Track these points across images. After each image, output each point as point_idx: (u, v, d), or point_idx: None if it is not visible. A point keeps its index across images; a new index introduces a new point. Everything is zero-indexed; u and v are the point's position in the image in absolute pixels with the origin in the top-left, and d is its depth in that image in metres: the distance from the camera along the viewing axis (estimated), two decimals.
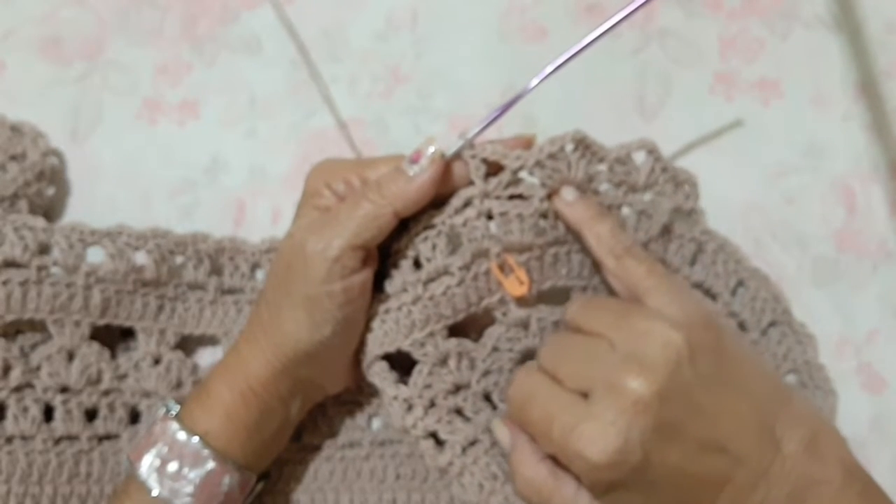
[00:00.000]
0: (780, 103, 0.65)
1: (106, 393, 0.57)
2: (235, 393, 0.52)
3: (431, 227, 0.54)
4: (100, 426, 0.57)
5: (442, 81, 0.67)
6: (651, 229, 0.56)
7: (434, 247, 0.54)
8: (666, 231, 0.57)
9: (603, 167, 0.55)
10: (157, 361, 0.58)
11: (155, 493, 0.50)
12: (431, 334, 0.54)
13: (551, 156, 0.53)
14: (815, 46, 0.65)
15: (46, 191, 0.62)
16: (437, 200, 0.54)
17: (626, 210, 0.56)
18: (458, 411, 0.55)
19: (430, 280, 0.54)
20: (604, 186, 0.55)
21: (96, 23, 0.68)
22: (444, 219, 0.54)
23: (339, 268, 0.50)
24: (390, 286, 0.54)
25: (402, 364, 0.55)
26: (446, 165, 0.53)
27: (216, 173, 0.65)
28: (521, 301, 0.55)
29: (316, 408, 0.58)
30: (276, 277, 0.52)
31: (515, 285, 0.54)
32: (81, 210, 0.64)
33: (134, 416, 0.58)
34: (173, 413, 0.52)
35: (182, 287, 0.59)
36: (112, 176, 0.65)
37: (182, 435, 0.51)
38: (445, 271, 0.54)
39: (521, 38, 0.68)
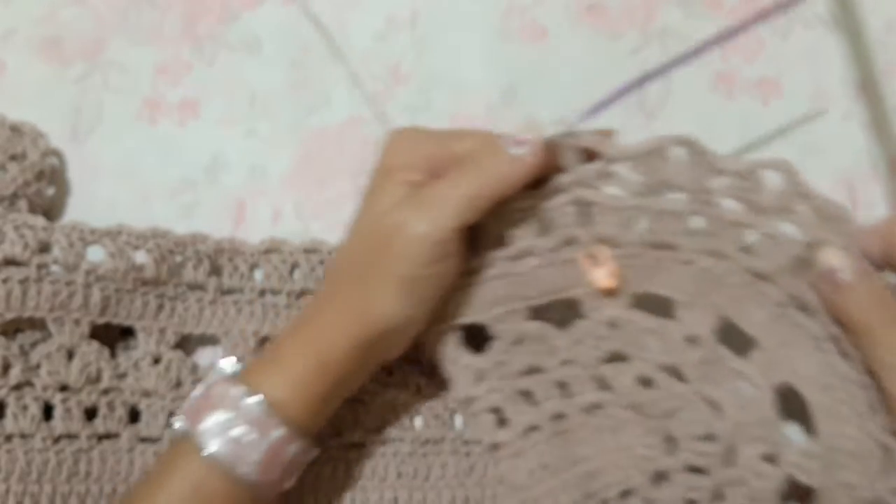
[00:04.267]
0: (779, 102, 0.65)
1: (105, 392, 0.57)
2: (315, 363, 0.51)
3: (523, 208, 0.54)
4: (99, 425, 0.56)
5: (442, 81, 0.67)
6: (779, 259, 0.53)
7: (524, 227, 0.54)
8: (802, 265, 0.53)
9: (723, 180, 0.52)
10: (156, 361, 0.58)
11: (216, 455, 0.48)
12: (513, 312, 0.54)
13: (650, 153, 0.52)
14: (814, 46, 0.65)
15: (46, 191, 0.62)
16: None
17: (750, 234, 0.53)
18: (527, 393, 0.55)
19: (517, 258, 0.54)
20: (726, 202, 0.53)
21: (96, 23, 0.68)
22: (537, 202, 0.54)
23: (444, 250, 0.50)
24: (475, 260, 0.54)
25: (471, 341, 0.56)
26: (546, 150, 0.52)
27: (216, 173, 0.65)
28: (609, 295, 0.54)
29: None
30: (365, 254, 0.52)
31: (604, 277, 0.54)
32: (81, 210, 0.64)
33: (134, 416, 0.58)
34: (232, 375, 0.51)
35: (182, 287, 0.59)
36: (112, 176, 0.65)
37: (249, 400, 0.49)
38: (532, 252, 0.54)
39: (521, 37, 0.68)
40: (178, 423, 0.51)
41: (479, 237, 0.55)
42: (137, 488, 0.51)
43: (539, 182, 0.54)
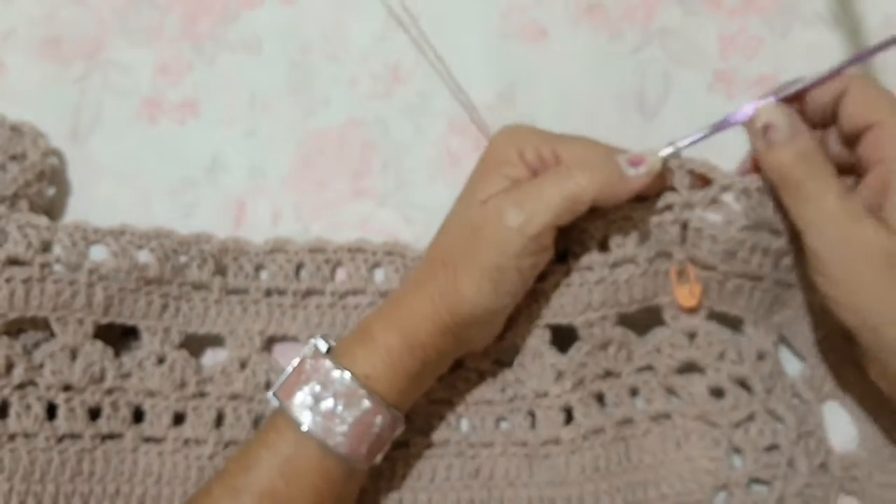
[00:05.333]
0: None
1: (109, 391, 0.57)
2: (403, 342, 0.52)
3: (628, 218, 0.56)
4: (103, 425, 0.56)
5: (442, 81, 0.67)
6: None
7: (627, 235, 0.56)
8: None
9: None
10: (161, 360, 0.58)
11: (306, 428, 0.50)
12: (604, 318, 0.56)
13: (760, 189, 0.54)
14: (814, 43, 0.65)
15: (47, 191, 0.62)
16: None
17: None
18: (600, 397, 0.57)
19: (617, 265, 0.56)
20: None
21: (96, 23, 0.68)
22: (642, 215, 0.55)
23: (535, 245, 0.51)
24: (574, 262, 0.56)
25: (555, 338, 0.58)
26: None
27: (216, 173, 0.65)
28: (688, 312, 0.57)
29: None
30: (459, 240, 0.53)
31: (686, 295, 0.56)
32: (82, 210, 0.64)
33: (137, 416, 0.58)
34: (323, 350, 0.52)
35: (186, 286, 0.59)
36: (112, 175, 0.65)
37: (337, 373, 0.51)
38: (632, 260, 0.56)
39: (521, 38, 0.68)
40: (271, 401, 0.52)
41: (582, 240, 0.57)
42: (230, 465, 0.52)
43: (645, 195, 0.55)
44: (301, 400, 0.51)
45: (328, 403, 0.50)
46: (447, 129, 0.66)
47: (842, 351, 0.57)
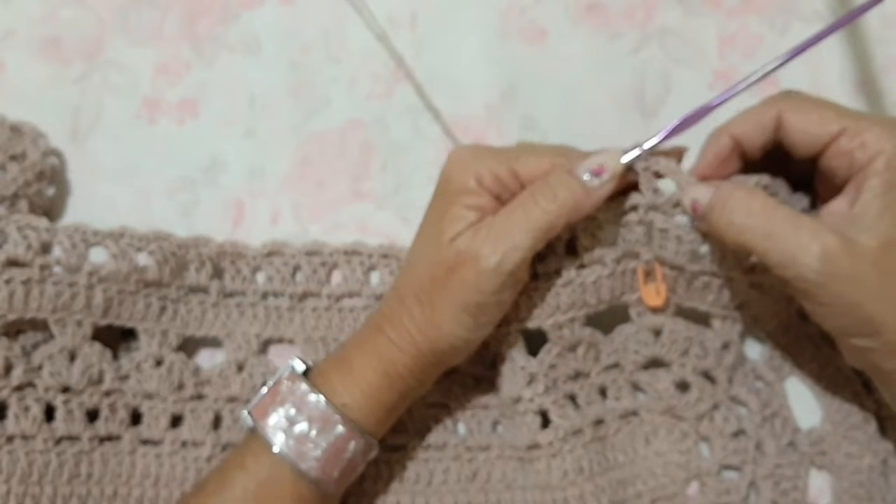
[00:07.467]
0: None
1: (107, 394, 0.57)
2: (380, 374, 0.52)
3: (593, 219, 0.55)
4: (101, 427, 0.56)
5: (442, 81, 0.67)
6: None
7: (594, 237, 0.55)
8: None
9: None
10: (158, 363, 0.58)
11: (278, 449, 0.50)
12: (572, 320, 0.56)
13: None
14: None
15: (46, 191, 0.62)
16: None
17: None
18: (572, 398, 0.57)
19: (584, 267, 0.55)
20: None
21: (96, 23, 0.68)
22: (608, 216, 0.55)
23: (511, 279, 0.51)
24: (541, 265, 0.55)
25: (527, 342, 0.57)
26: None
27: (215, 173, 0.65)
28: (655, 312, 0.57)
29: None
30: (432, 278, 0.52)
31: (652, 295, 0.56)
32: (81, 210, 0.64)
33: (135, 418, 0.58)
34: (300, 371, 0.52)
35: (184, 289, 0.59)
36: (112, 175, 0.65)
37: (314, 398, 0.51)
38: (600, 261, 0.55)
39: (521, 38, 0.68)
40: (245, 419, 0.52)
41: (549, 243, 0.55)
42: (207, 483, 0.52)
43: (613, 195, 0.55)
44: (275, 421, 0.51)
45: (302, 427, 0.50)
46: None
47: (799, 328, 0.58)
